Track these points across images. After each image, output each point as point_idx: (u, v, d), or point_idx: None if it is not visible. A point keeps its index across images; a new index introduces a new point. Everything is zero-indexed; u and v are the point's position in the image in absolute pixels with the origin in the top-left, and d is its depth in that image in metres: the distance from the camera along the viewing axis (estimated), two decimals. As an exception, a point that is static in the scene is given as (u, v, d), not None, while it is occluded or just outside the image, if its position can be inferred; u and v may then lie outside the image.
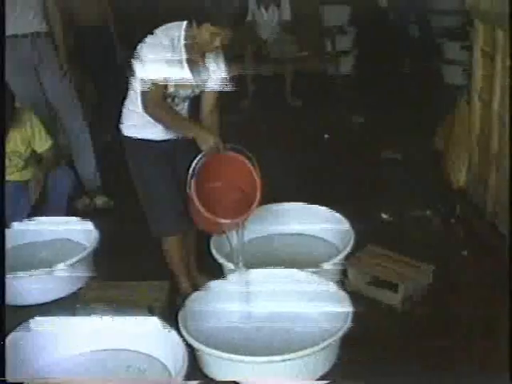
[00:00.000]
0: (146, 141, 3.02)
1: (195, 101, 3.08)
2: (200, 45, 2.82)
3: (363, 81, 6.83)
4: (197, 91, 3.01)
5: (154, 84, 2.82)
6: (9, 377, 2.42)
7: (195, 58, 2.89)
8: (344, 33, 7.42)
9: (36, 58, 4.06)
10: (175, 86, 2.90)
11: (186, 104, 3.05)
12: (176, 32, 2.83)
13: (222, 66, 3.00)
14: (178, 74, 2.85)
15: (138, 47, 2.82)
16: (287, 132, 5.60)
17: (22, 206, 3.73)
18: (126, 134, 3.06)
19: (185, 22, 2.83)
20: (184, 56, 2.84)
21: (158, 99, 2.87)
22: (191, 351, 2.68)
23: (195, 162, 2.87)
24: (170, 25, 2.86)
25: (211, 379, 2.76)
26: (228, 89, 3.01)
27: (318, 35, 7.21)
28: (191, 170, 2.87)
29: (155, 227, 3.16)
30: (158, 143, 3.02)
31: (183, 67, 2.86)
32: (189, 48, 2.84)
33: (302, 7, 6.70)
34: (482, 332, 2.99)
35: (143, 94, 2.87)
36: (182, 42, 2.82)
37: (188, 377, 2.54)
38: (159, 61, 2.79)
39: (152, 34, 2.83)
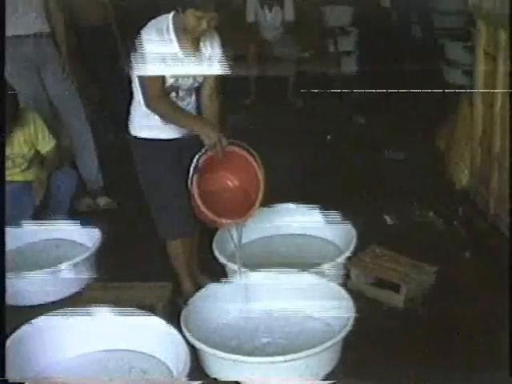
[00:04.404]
0: (155, 140, 2.99)
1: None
2: (189, 30, 2.83)
3: (365, 81, 6.82)
4: (199, 80, 3.00)
5: (152, 77, 2.83)
6: (10, 377, 2.41)
7: (188, 44, 2.90)
8: (346, 33, 7.41)
9: (38, 58, 4.05)
10: (174, 76, 2.89)
11: (193, 99, 3.03)
12: (164, 22, 2.85)
13: (218, 50, 2.99)
14: (173, 62, 2.85)
15: (134, 45, 2.84)
16: (289, 132, 5.59)
17: (26, 206, 3.72)
18: (133, 134, 3.04)
19: (172, 12, 2.86)
20: (176, 44, 2.85)
21: (159, 93, 2.86)
22: (193, 352, 2.68)
23: (197, 156, 2.87)
24: (158, 17, 2.89)
25: (213, 379, 2.76)
26: (227, 73, 3.01)
27: (320, 36, 7.20)
28: (193, 165, 2.87)
29: (163, 230, 3.14)
30: (167, 142, 3.00)
31: (177, 55, 2.87)
32: (180, 36, 2.85)
33: (305, 8, 6.70)
34: (483, 332, 2.99)
35: (143, 89, 2.87)
36: (172, 30, 2.84)
37: (190, 377, 2.54)
38: (153, 54, 2.80)
39: (143, 29, 2.84)
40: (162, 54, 2.82)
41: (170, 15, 2.86)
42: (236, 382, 2.68)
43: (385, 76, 6.58)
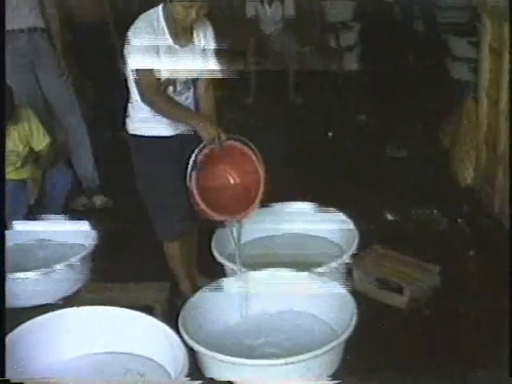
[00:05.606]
0: (153, 138, 2.95)
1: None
2: (178, 21, 2.80)
3: (367, 77, 6.79)
4: (197, 71, 2.95)
5: (146, 71, 2.79)
6: (9, 377, 2.36)
7: (181, 35, 2.86)
8: (348, 28, 7.37)
9: (32, 53, 4.02)
10: (170, 69, 2.84)
11: (191, 93, 2.99)
12: (154, 15, 2.83)
13: (212, 40, 2.96)
14: (167, 54, 2.82)
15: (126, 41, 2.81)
16: (290, 129, 5.57)
17: (20, 205, 3.71)
18: (131, 131, 3.00)
19: (161, 4, 2.83)
20: (168, 35, 2.82)
21: (155, 87, 2.82)
22: (191, 354, 2.65)
23: (195, 152, 2.81)
24: (148, 11, 2.86)
25: (210, 379, 2.72)
26: (222, 64, 2.99)
27: (321, 31, 7.18)
28: (192, 160, 2.81)
29: (161, 231, 3.10)
30: (165, 140, 2.95)
31: (171, 47, 2.83)
32: (171, 27, 2.82)
33: (305, 2, 6.68)
34: (487, 332, 2.96)
35: (138, 84, 2.84)
36: (163, 22, 2.81)
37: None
38: (146, 47, 2.77)
39: (134, 23, 2.81)
40: (155, 46, 2.79)
41: (160, 7, 2.83)
42: (229, 382, 2.64)
43: (387, 72, 6.54)
